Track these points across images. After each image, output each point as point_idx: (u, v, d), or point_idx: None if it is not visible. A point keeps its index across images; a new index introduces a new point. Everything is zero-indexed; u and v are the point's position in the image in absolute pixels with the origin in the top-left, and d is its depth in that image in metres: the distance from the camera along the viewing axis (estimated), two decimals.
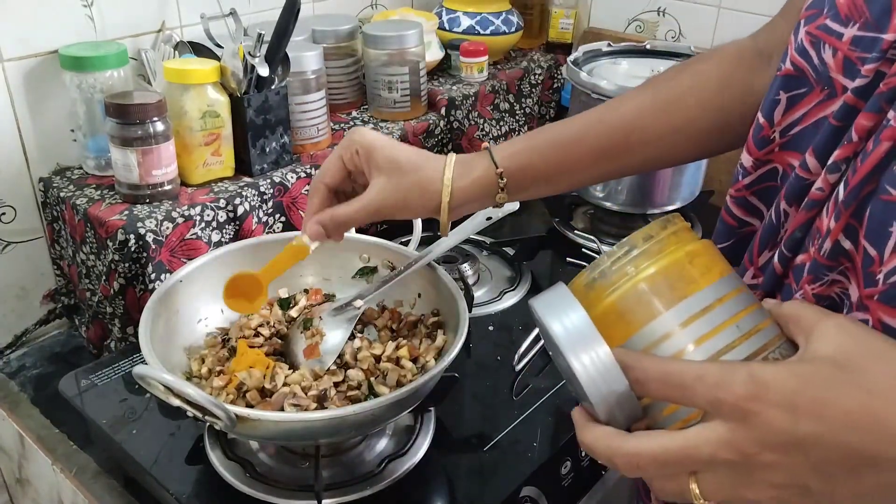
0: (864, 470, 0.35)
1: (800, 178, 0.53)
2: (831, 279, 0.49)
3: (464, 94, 1.22)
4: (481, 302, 0.99)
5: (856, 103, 0.49)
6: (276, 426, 0.63)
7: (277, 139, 0.98)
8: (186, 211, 0.87)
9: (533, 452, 0.75)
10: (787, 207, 0.55)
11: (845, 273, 0.49)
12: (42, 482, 0.87)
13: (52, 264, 0.98)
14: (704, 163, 1.14)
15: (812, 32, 0.53)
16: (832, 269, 0.49)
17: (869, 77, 0.48)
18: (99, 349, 0.95)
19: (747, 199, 0.61)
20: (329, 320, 0.75)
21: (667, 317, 0.39)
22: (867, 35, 0.49)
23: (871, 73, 0.48)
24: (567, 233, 1.16)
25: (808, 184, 0.53)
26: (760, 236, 0.58)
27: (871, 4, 0.49)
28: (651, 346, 0.39)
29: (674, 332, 0.39)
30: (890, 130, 0.45)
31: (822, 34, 0.53)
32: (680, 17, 1.33)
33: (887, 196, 0.44)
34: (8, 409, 0.87)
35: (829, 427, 0.35)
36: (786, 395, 0.35)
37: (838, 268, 0.49)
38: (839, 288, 0.50)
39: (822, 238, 0.49)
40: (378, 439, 0.76)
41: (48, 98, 0.91)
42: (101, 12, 0.93)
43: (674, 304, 0.39)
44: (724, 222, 0.63)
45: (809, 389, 0.35)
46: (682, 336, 0.39)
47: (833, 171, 0.49)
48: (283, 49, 0.93)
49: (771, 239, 0.57)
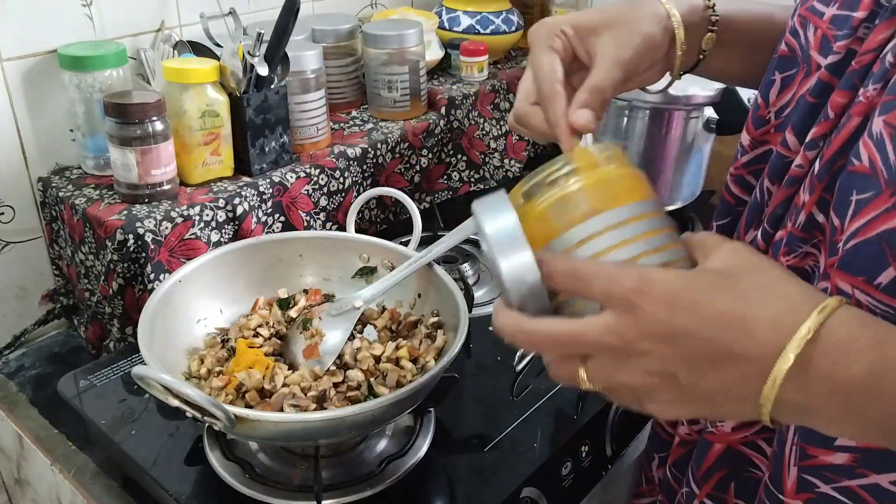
0: (726, 365, 0.38)
1: (781, 155, 0.54)
2: (804, 251, 0.51)
3: (464, 93, 1.22)
4: (481, 302, 0.98)
5: (830, 80, 0.51)
6: (276, 427, 0.63)
7: (277, 139, 0.98)
8: (185, 211, 0.87)
9: (533, 453, 0.75)
10: (769, 185, 0.56)
11: (817, 246, 0.51)
12: (41, 483, 0.86)
13: (50, 264, 0.98)
14: (705, 163, 1.14)
15: (802, 14, 0.55)
16: (805, 241, 0.51)
17: (841, 54, 0.50)
18: (98, 349, 0.95)
19: (744, 177, 0.62)
20: (328, 321, 0.74)
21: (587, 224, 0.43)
22: (842, 13, 0.51)
23: (842, 49, 0.50)
24: None
25: (788, 161, 0.54)
26: (747, 215, 0.59)
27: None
28: (569, 249, 0.44)
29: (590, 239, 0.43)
30: (859, 106, 0.47)
31: (809, 14, 0.54)
32: None
33: (852, 167, 0.46)
34: (7, 409, 0.87)
35: (700, 323, 0.38)
36: (668, 292, 0.39)
37: (811, 240, 0.51)
38: (812, 261, 0.51)
39: (798, 211, 0.51)
40: (378, 440, 0.76)
41: (47, 98, 0.91)
42: (101, 12, 0.92)
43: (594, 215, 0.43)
44: (724, 200, 0.64)
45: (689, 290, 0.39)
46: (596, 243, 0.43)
47: (811, 148, 0.51)
48: (282, 48, 0.93)
49: (756, 217, 0.58)
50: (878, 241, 0.44)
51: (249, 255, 0.81)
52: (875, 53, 0.47)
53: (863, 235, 0.45)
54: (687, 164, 1.10)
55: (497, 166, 1.32)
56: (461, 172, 1.27)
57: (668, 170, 1.09)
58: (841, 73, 0.50)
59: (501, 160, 1.32)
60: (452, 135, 1.23)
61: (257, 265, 0.82)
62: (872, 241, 0.44)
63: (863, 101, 0.46)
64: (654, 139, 1.07)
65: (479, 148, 1.27)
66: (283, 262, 0.83)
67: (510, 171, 1.34)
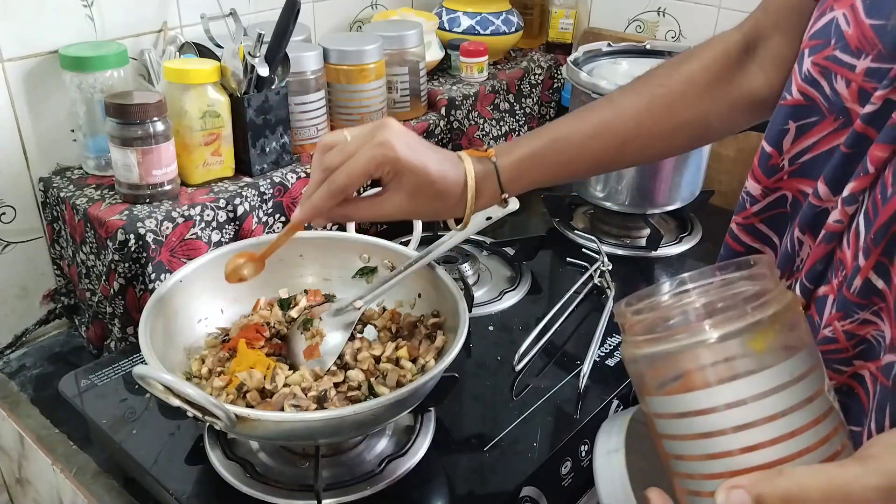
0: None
1: (812, 206, 0.53)
2: (863, 318, 0.49)
3: (464, 94, 1.22)
4: (481, 302, 0.98)
5: (865, 130, 0.49)
6: (277, 426, 0.63)
7: (277, 139, 0.98)
8: (186, 211, 0.87)
9: (533, 452, 0.75)
10: (800, 236, 0.55)
11: (878, 314, 0.48)
12: (42, 482, 0.87)
13: (52, 264, 0.98)
14: (704, 163, 1.14)
15: (820, 63, 0.53)
16: (863, 307, 0.48)
17: (878, 105, 0.48)
18: (99, 349, 0.95)
19: (756, 226, 0.61)
20: (329, 321, 0.75)
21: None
22: (882, 66, 0.49)
23: (880, 100, 0.48)
24: (567, 233, 1.16)
25: (819, 211, 0.52)
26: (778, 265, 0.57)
27: (883, 37, 0.49)
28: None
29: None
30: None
31: (832, 65, 0.52)
32: (680, 17, 1.33)
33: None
34: (8, 409, 0.87)
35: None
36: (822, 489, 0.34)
37: (871, 307, 0.48)
38: (874, 329, 0.49)
39: (850, 275, 0.49)
40: (378, 439, 0.76)
41: (48, 98, 0.91)
42: (101, 12, 0.93)
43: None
44: (731, 248, 0.63)
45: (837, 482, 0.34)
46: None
47: (850, 203, 0.49)
48: (283, 49, 0.93)
49: (787, 267, 0.57)
50: None
51: None
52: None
53: None
54: (686, 164, 1.10)
55: None
56: None
57: (668, 170, 1.09)
58: (878, 125, 0.48)
59: None
60: (452, 135, 1.23)
61: None
62: None
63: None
64: None
65: (479, 147, 1.27)
66: (283, 262, 0.83)
67: None
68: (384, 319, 0.79)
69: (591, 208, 1.22)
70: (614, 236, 1.17)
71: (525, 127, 1.36)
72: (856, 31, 0.50)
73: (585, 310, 0.99)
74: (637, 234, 1.18)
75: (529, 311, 0.98)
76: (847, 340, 0.49)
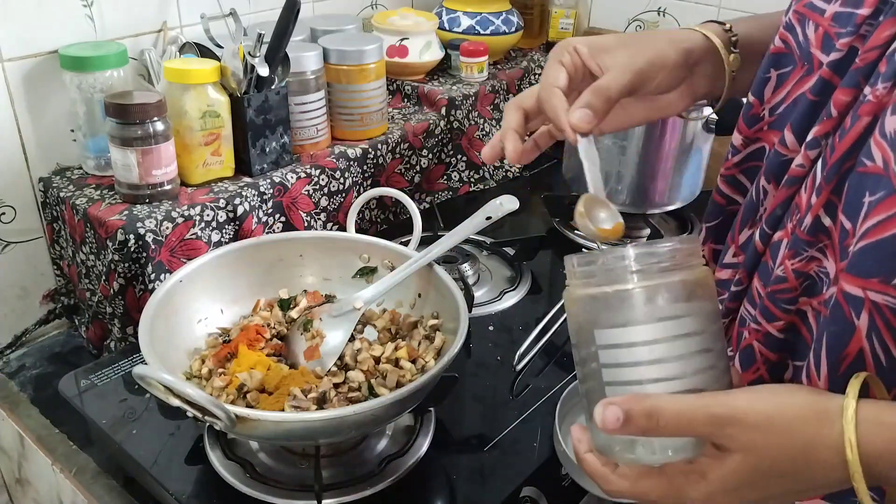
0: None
1: (778, 154, 0.54)
2: (810, 255, 0.51)
3: (464, 93, 1.22)
4: (481, 302, 0.98)
5: (831, 78, 0.50)
6: (276, 426, 0.63)
7: (277, 139, 0.98)
8: (186, 211, 0.87)
9: (533, 452, 0.75)
10: (766, 184, 0.55)
11: (823, 250, 0.50)
12: (42, 482, 0.87)
13: (51, 264, 0.98)
14: (705, 163, 1.14)
15: (799, 10, 0.54)
16: (811, 244, 0.50)
17: (843, 51, 0.49)
18: (99, 349, 0.95)
19: (735, 176, 0.61)
20: (329, 322, 0.75)
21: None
22: (846, 10, 0.50)
23: (845, 47, 0.49)
24: (567, 233, 1.16)
25: (786, 160, 0.53)
26: (742, 214, 0.58)
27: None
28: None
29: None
30: (868, 105, 0.46)
31: (808, 11, 0.54)
32: (680, 17, 1.33)
33: (863, 168, 0.45)
34: (8, 409, 0.87)
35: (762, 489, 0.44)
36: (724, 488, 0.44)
37: (817, 244, 0.50)
38: (816, 265, 0.51)
39: (802, 214, 0.50)
40: (378, 439, 0.76)
41: (48, 98, 0.91)
42: (101, 12, 0.93)
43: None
44: (714, 201, 0.63)
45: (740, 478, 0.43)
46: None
47: (812, 147, 0.50)
48: (283, 49, 0.93)
49: (751, 216, 0.57)
50: (893, 242, 0.43)
51: (250, 255, 0.81)
52: (880, 51, 0.46)
53: (875, 236, 0.44)
54: (686, 164, 1.10)
55: (497, 167, 1.32)
56: (461, 173, 1.27)
57: (667, 170, 1.09)
58: (843, 71, 0.49)
59: (501, 161, 1.32)
60: (452, 135, 1.23)
61: (258, 265, 0.82)
62: (886, 242, 0.43)
63: (872, 99, 0.46)
64: (653, 139, 1.07)
65: (479, 148, 1.27)
66: (283, 262, 0.83)
67: (510, 171, 1.34)
68: (384, 320, 0.79)
69: None
70: None
71: None
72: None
73: None
74: (637, 235, 1.18)
75: (529, 311, 0.98)
76: (796, 279, 0.51)
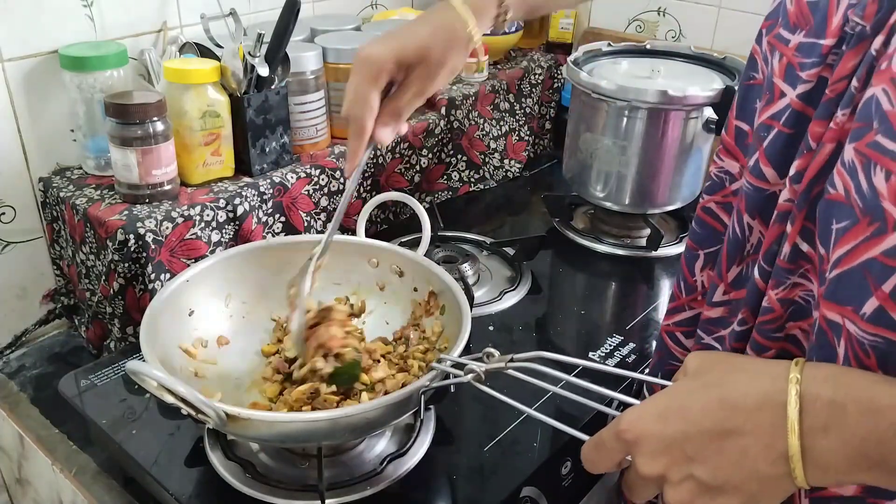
0: (726, 443, 0.42)
1: (759, 189, 0.54)
2: (792, 282, 0.51)
3: (464, 93, 1.22)
4: (481, 302, 0.98)
5: (804, 109, 0.50)
6: (270, 427, 0.63)
7: (277, 139, 0.98)
8: (186, 211, 0.87)
9: (533, 452, 0.75)
10: (750, 221, 0.55)
11: (805, 275, 0.51)
12: (42, 482, 0.87)
13: (51, 264, 0.98)
14: (704, 163, 1.14)
15: (770, 41, 0.55)
16: (792, 272, 0.51)
17: (813, 82, 0.49)
18: (99, 349, 0.95)
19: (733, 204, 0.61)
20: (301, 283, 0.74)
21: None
22: (809, 41, 0.50)
23: (813, 77, 0.49)
24: (567, 233, 1.16)
25: (768, 195, 0.53)
26: (727, 251, 0.58)
27: (815, 11, 0.50)
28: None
29: None
30: (831, 132, 0.47)
31: (776, 42, 0.54)
32: (680, 17, 1.33)
33: (829, 196, 0.46)
34: (8, 409, 0.87)
35: (690, 422, 0.43)
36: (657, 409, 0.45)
37: (798, 270, 0.51)
38: (801, 290, 0.51)
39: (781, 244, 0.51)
40: (378, 439, 0.76)
41: (48, 98, 0.91)
42: (101, 12, 0.93)
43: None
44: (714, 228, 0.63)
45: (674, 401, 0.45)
46: None
47: (797, 181, 0.50)
48: (282, 49, 0.93)
49: (738, 253, 0.57)
50: (861, 271, 0.43)
51: (257, 259, 0.80)
52: (848, 80, 0.46)
53: (846, 265, 0.44)
54: (686, 164, 1.10)
55: (497, 166, 1.32)
56: (461, 172, 1.27)
57: (668, 170, 1.09)
58: (815, 102, 0.49)
59: (501, 160, 1.32)
60: (452, 135, 1.23)
61: (264, 268, 0.81)
62: (855, 271, 0.44)
63: (834, 127, 0.46)
64: (653, 139, 1.07)
65: (479, 148, 1.27)
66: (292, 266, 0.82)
67: (510, 171, 1.34)
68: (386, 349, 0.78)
69: (592, 208, 1.22)
70: (614, 236, 1.17)
71: (525, 127, 1.36)
72: (795, 7, 0.52)
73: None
74: (637, 234, 1.18)
75: (529, 311, 0.98)
76: (781, 307, 0.52)
